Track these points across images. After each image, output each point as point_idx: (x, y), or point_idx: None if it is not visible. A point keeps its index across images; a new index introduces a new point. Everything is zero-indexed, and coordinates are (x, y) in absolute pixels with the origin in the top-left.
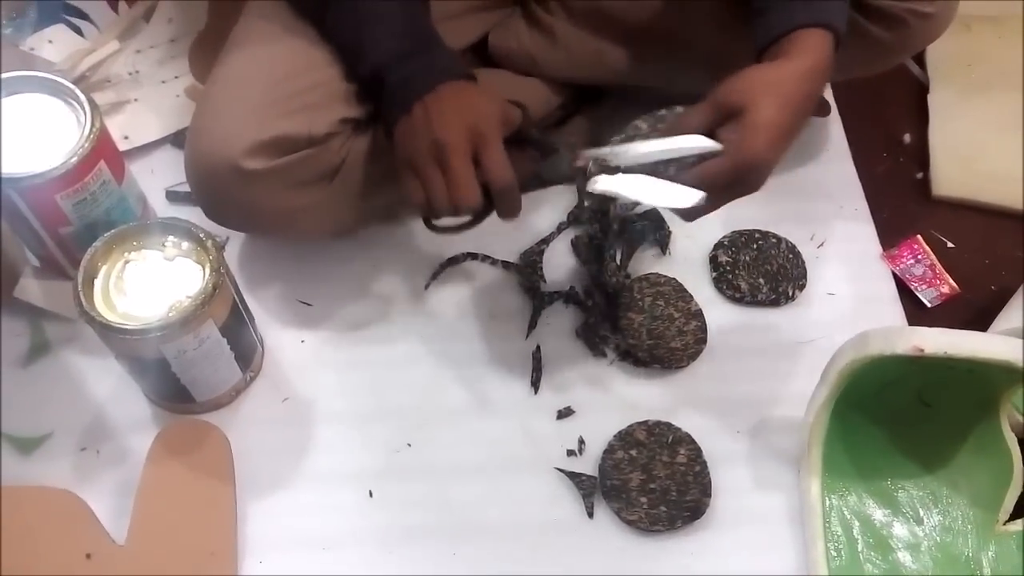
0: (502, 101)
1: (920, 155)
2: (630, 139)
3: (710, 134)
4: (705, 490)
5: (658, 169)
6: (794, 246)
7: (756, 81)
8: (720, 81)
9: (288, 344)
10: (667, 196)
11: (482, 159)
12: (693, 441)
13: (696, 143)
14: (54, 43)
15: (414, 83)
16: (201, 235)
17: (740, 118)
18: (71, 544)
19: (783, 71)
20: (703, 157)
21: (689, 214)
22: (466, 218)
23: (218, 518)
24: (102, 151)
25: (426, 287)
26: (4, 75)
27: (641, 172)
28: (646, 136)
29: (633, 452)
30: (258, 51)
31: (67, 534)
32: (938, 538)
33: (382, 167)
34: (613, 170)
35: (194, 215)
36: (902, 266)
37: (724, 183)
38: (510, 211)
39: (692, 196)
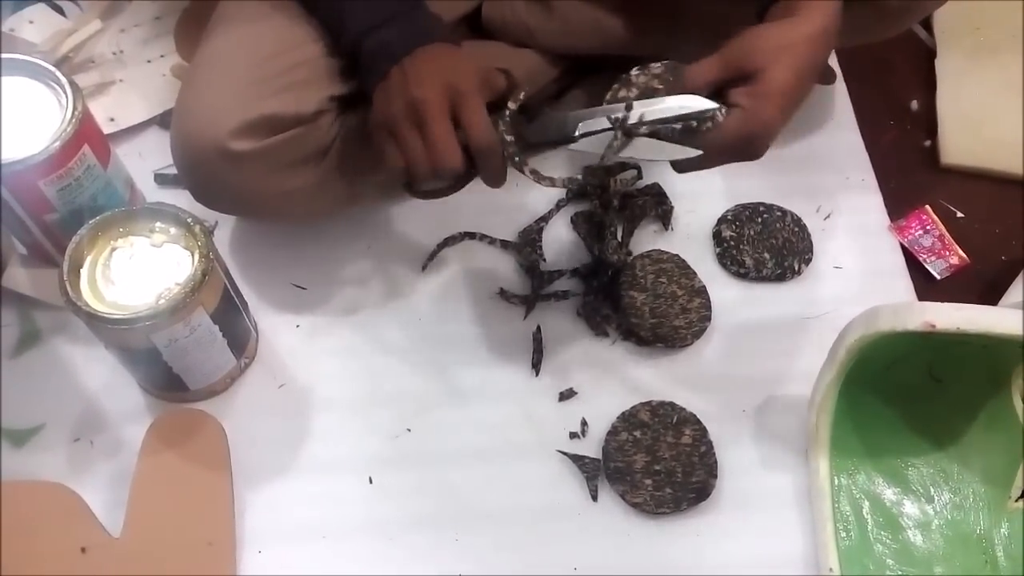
0: (485, 65)
1: (928, 122)
2: (622, 99)
3: (717, 91)
4: (711, 471)
5: (657, 130)
6: (799, 219)
7: (770, 42)
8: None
9: (283, 329)
10: (658, 151)
11: (461, 118)
12: (698, 421)
13: (694, 103)
14: (35, 23)
15: (391, 47)
16: (189, 220)
17: (754, 82)
18: (65, 539)
19: (797, 32)
20: (700, 116)
21: (682, 166)
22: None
23: (215, 508)
24: (85, 135)
25: (423, 268)
26: None
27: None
28: (639, 95)
29: (637, 433)
30: (242, 29)
31: (61, 528)
32: (949, 516)
33: (373, 145)
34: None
35: (184, 198)
36: (910, 237)
37: (732, 148)
38: (493, 175)
39: (683, 152)
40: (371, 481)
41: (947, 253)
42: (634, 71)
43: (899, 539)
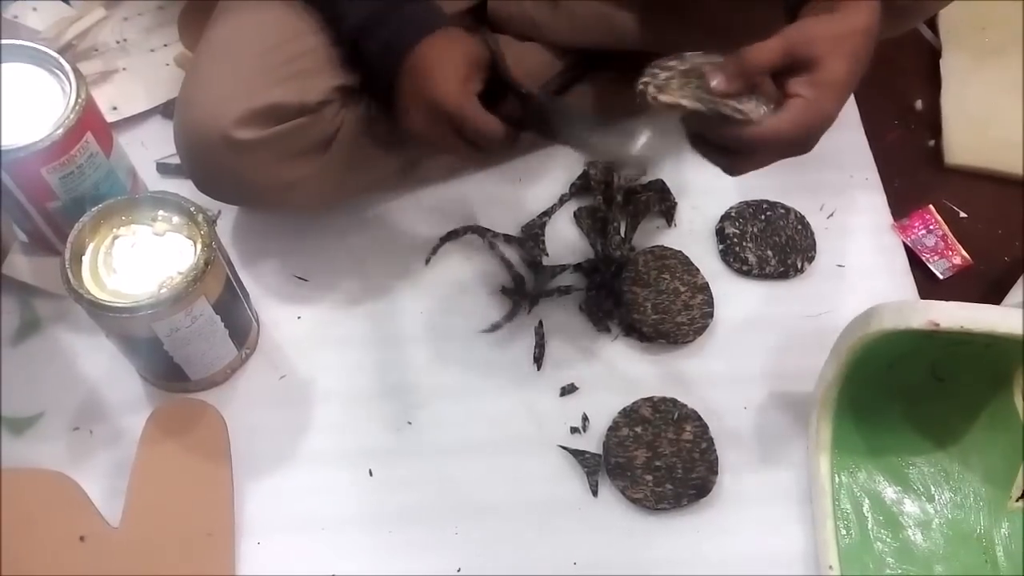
0: (477, 45)
1: (932, 122)
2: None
3: (774, 79)
4: (711, 467)
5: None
6: (803, 217)
7: (829, 34)
8: (738, 45)
9: (284, 320)
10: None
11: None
12: (699, 418)
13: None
14: (38, 11)
15: (393, 46)
16: (192, 209)
17: (812, 73)
18: (64, 527)
19: (849, 25)
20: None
21: (735, 169)
22: None
23: (214, 498)
24: (88, 123)
25: (426, 262)
26: None
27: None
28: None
29: (638, 429)
30: (247, 18)
31: (60, 517)
32: (949, 515)
33: (377, 136)
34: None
35: (186, 188)
36: (913, 237)
37: (793, 140)
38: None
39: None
40: (371, 473)
41: (950, 253)
42: (672, 61)
43: (899, 538)
